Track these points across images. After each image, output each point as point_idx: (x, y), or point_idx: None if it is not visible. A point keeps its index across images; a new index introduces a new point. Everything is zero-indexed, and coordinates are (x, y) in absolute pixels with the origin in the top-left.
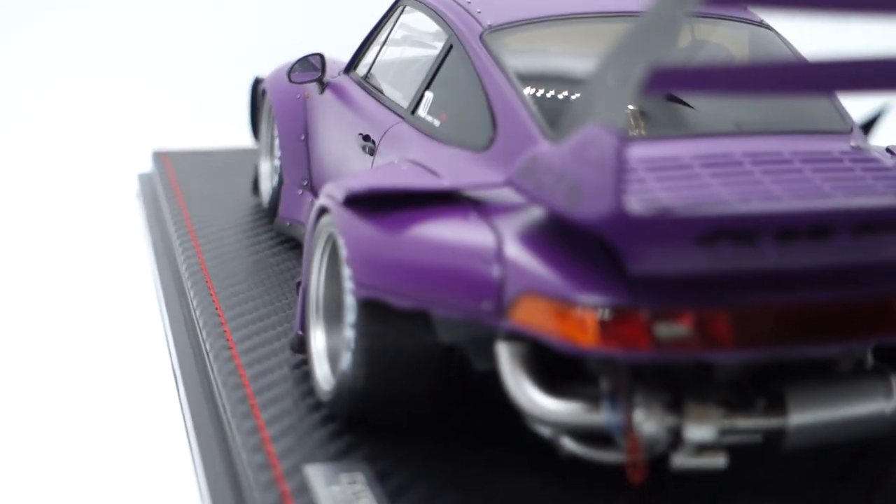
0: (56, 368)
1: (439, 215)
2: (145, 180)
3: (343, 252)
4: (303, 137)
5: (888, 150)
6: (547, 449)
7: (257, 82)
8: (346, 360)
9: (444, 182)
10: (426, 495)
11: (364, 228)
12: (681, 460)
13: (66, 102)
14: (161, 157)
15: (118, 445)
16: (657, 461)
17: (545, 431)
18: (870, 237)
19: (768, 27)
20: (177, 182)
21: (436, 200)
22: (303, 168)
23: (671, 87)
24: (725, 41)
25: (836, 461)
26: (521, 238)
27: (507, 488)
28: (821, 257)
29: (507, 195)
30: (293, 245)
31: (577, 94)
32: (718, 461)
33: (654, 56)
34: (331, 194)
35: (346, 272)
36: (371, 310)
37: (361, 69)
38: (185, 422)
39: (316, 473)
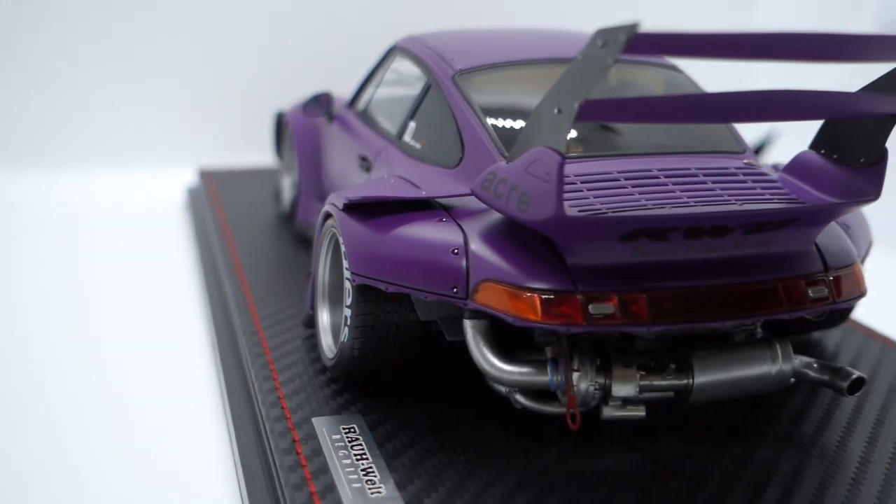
0: (113, 333)
1: (418, 219)
2: (192, 193)
3: (343, 248)
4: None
5: (774, 166)
6: (503, 403)
7: (280, 115)
8: (344, 333)
9: (423, 192)
10: (407, 440)
11: (359, 229)
12: (609, 412)
13: (126, 129)
14: (204, 174)
15: (163, 398)
16: (590, 412)
17: (502, 389)
18: (758, 235)
19: (678, 70)
20: (217, 194)
21: (416, 207)
22: (316, 182)
23: (599, 116)
24: (646, 81)
25: (733, 411)
26: (483, 237)
27: (472, 432)
28: (720, 251)
29: (472, 203)
30: (308, 243)
31: (527, 123)
32: (639, 412)
33: (585, 91)
34: (333, 202)
35: (345, 264)
36: (365, 294)
37: (361, 104)
38: (219, 382)
39: (320, 424)
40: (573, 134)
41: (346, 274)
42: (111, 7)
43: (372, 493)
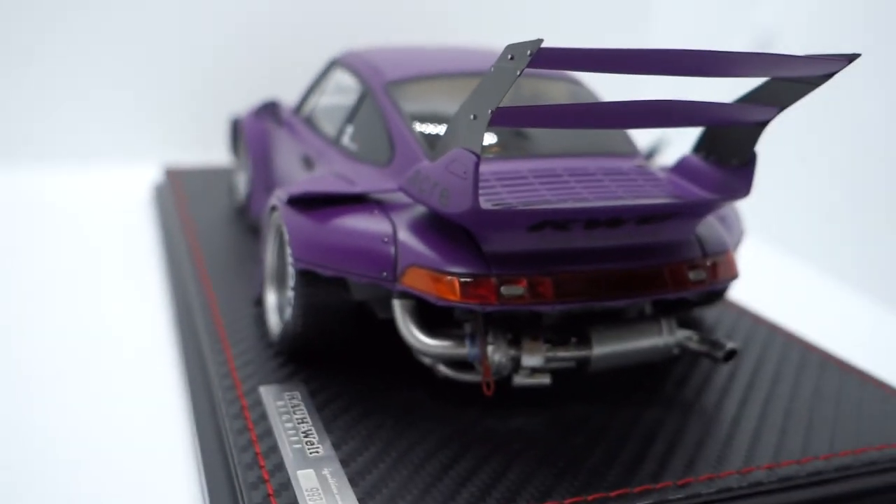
0: (79, 314)
1: (353, 211)
2: (158, 190)
3: (286, 237)
4: (266, 158)
5: (662, 167)
6: (428, 373)
7: (236, 121)
8: (288, 312)
9: (357, 187)
10: (343, 405)
11: (301, 220)
12: (519, 380)
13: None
14: (170, 172)
15: (128, 371)
16: (503, 380)
17: (426, 360)
18: (648, 226)
19: (580, 83)
20: (181, 190)
21: (351, 200)
22: (267, 179)
23: (509, 122)
24: (554, 93)
25: (626, 378)
26: (410, 227)
27: (401, 399)
28: (615, 239)
29: (401, 197)
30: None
31: (447, 127)
32: (546, 380)
33: (497, 99)
34: (278, 196)
35: (288, 251)
36: (305, 277)
37: (305, 110)
38: (178, 356)
39: (267, 392)
40: (493, 138)
41: (289, 260)
42: (77, 6)
43: (311, 453)
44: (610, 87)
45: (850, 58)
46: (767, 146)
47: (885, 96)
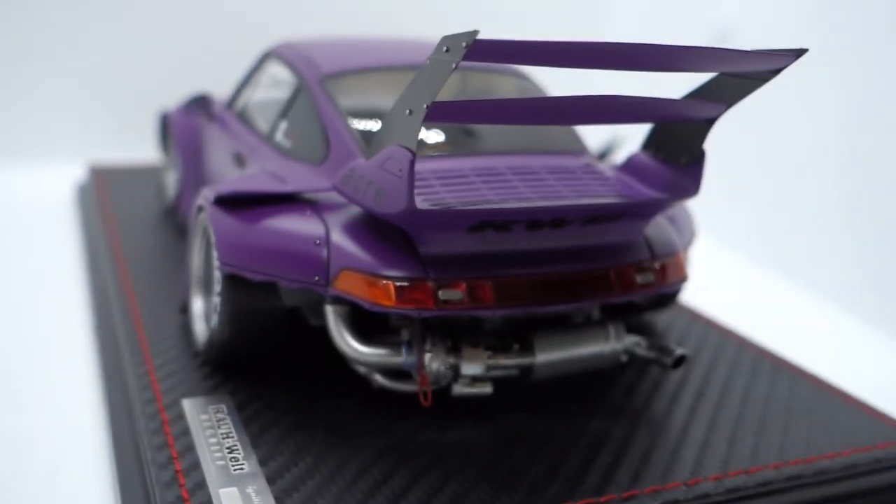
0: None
1: (284, 212)
2: (81, 189)
3: (213, 239)
4: (196, 155)
5: (611, 166)
6: (363, 382)
7: (165, 116)
8: (215, 319)
9: (289, 187)
10: (272, 418)
11: (228, 221)
12: (459, 389)
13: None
14: (94, 171)
15: (39, 381)
16: (442, 389)
17: (361, 369)
18: (594, 226)
19: (527, 78)
20: (106, 190)
21: (282, 200)
22: (197, 177)
23: (447, 117)
24: (499, 88)
25: (572, 386)
26: (343, 229)
27: (334, 410)
28: (559, 241)
29: (335, 197)
30: None
31: (382, 123)
32: (486, 389)
33: (433, 94)
34: (205, 196)
35: (215, 254)
36: (233, 282)
37: (238, 105)
38: (97, 368)
39: (190, 405)
40: (433, 134)
41: (216, 264)
42: None
43: (235, 470)
44: (564, 84)
45: (798, 53)
46: (725, 143)
47: (839, 94)
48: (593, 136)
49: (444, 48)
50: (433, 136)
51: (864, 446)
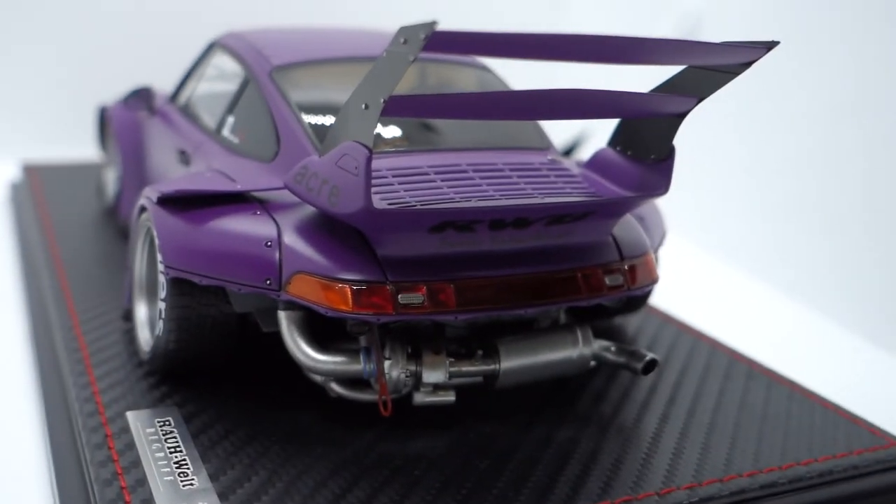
0: None
1: (233, 212)
2: (14, 189)
3: (156, 241)
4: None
5: (577, 162)
6: (319, 391)
7: (103, 110)
8: (160, 326)
9: (238, 185)
10: (223, 430)
11: (173, 222)
12: (420, 397)
13: None
14: (28, 169)
15: None
16: (403, 398)
17: (317, 378)
18: (560, 226)
19: (489, 70)
20: (41, 189)
21: (230, 200)
22: (139, 176)
23: (404, 112)
24: (461, 81)
25: (538, 394)
26: (296, 229)
27: (288, 422)
28: (524, 242)
29: (287, 196)
30: None
31: (336, 118)
32: (450, 397)
33: (390, 87)
34: (148, 195)
35: (159, 257)
36: (178, 287)
37: (182, 99)
38: (35, 379)
39: (135, 418)
40: (391, 130)
41: (160, 268)
42: None
43: (184, 486)
44: (530, 77)
45: (769, 45)
46: (698, 139)
47: (809, 89)
48: (559, 131)
49: (402, 39)
50: (391, 131)
51: (841, 453)
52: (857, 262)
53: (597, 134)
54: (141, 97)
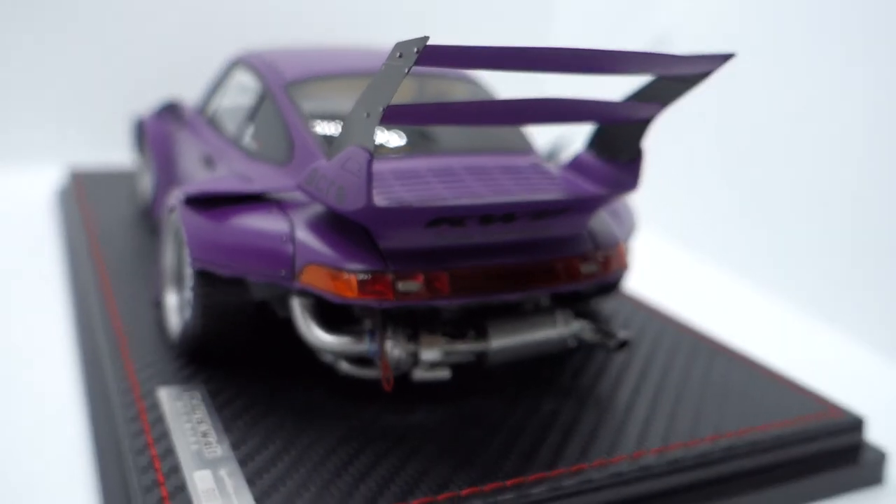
0: None
1: (251, 210)
2: (62, 193)
3: (184, 237)
4: (169, 159)
5: (557, 165)
6: (328, 370)
7: (140, 122)
8: (187, 313)
9: (256, 187)
10: (244, 405)
11: (199, 220)
12: (419, 374)
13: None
14: (75, 175)
15: (21, 376)
16: (403, 375)
17: (327, 358)
18: (542, 221)
19: (477, 83)
20: (85, 193)
21: (249, 200)
22: (170, 180)
23: (402, 119)
24: (453, 93)
25: (524, 370)
26: (307, 226)
27: (301, 397)
28: (510, 235)
29: (299, 196)
30: None
31: (342, 126)
32: (445, 374)
33: (388, 97)
34: (176, 196)
35: (186, 251)
36: (204, 277)
37: (208, 110)
38: (79, 358)
39: (166, 393)
40: (392, 136)
41: (187, 260)
42: None
43: (208, 454)
44: (517, 87)
45: (726, 57)
46: (666, 139)
47: (778, 89)
48: (542, 136)
49: (398, 54)
50: (391, 138)
51: (792, 418)
52: (810, 245)
53: (576, 138)
54: (171, 110)
